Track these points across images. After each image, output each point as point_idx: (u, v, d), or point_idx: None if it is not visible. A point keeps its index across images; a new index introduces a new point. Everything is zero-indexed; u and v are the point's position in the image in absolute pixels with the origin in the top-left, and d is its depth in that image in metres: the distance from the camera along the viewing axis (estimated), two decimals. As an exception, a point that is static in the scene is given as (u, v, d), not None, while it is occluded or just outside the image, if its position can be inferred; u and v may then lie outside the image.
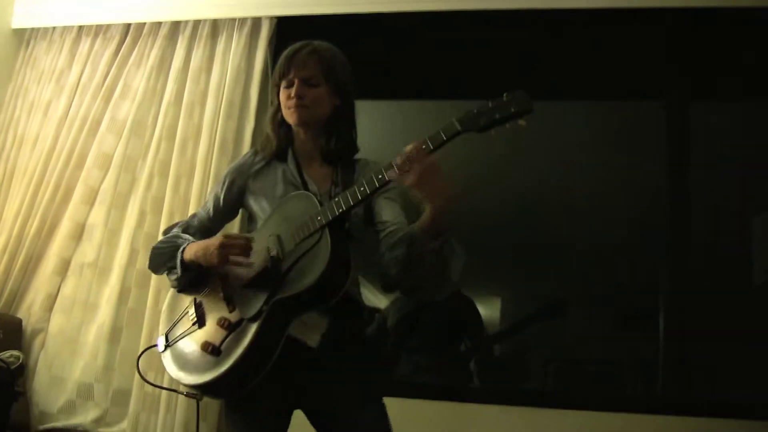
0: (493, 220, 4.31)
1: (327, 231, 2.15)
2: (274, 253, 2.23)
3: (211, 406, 3.50)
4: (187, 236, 2.43)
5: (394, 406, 2.32)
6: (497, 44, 4.15)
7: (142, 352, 2.75)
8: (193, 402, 3.40)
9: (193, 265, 2.31)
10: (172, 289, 2.47)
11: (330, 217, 2.15)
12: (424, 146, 2.06)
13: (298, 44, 2.45)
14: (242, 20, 4.08)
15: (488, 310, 4.19)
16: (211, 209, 2.54)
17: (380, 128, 3.99)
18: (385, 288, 2.56)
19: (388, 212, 2.33)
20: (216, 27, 4.13)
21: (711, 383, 3.69)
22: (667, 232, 3.76)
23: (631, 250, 4.09)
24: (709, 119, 4.03)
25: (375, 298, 2.45)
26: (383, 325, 3.89)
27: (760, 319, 3.67)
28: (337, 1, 4.03)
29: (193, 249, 2.31)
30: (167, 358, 2.36)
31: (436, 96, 4.32)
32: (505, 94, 2.05)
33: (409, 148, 2.08)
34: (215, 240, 2.27)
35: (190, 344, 2.30)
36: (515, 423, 3.46)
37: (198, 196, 3.76)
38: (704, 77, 3.99)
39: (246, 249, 2.24)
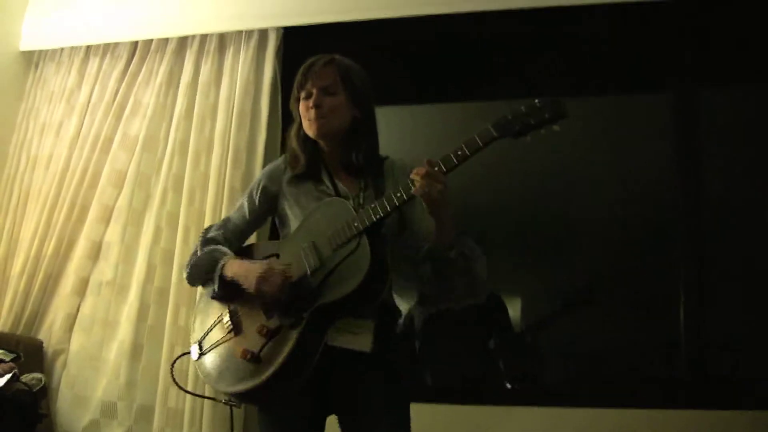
0: (506, 218, 4.30)
1: (365, 237, 2.15)
2: (311, 261, 2.23)
3: (237, 418, 3.48)
4: (225, 250, 2.43)
5: (423, 411, 2.32)
6: (503, 43, 4.16)
7: (177, 359, 2.77)
8: (218, 416, 3.47)
9: (232, 282, 2.31)
10: (201, 296, 2.49)
11: (368, 223, 2.16)
12: (460, 152, 2.07)
13: (316, 56, 2.46)
14: (249, 33, 4.08)
15: (512, 311, 4.17)
16: (247, 213, 2.54)
17: (399, 134, 3.99)
18: (422, 304, 2.57)
19: (421, 217, 2.31)
20: (223, 41, 4.14)
21: (733, 375, 3.66)
22: (682, 222, 3.75)
23: (647, 244, 4.07)
24: (719, 108, 4.01)
25: (399, 300, 2.44)
26: (410, 327, 3.88)
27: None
28: (342, 9, 4.02)
29: (234, 268, 2.32)
30: (203, 366, 2.35)
31: (451, 99, 4.32)
32: (537, 100, 2.06)
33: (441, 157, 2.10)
34: (257, 271, 2.27)
35: (227, 352, 2.30)
36: (543, 424, 3.45)
37: (213, 209, 3.76)
38: (710, 66, 3.97)
39: (282, 287, 2.23)
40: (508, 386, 3.96)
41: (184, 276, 2.51)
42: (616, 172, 4.19)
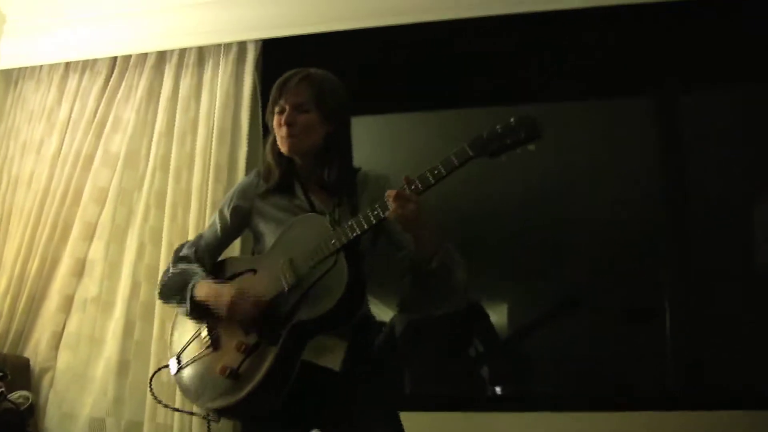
0: (492, 225, 4.31)
1: (342, 254, 2.17)
2: (288, 278, 2.24)
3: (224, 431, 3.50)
4: (196, 269, 2.44)
5: (408, 420, 2.33)
6: (485, 50, 4.17)
7: (154, 373, 2.76)
8: (206, 430, 3.46)
9: (202, 303, 2.33)
10: (178, 310, 2.49)
11: (345, 241, 2.17)
12: (436, 171, 2.09)
13: (292, 71, 2.47)
14: (228, 45, 4.09)
15: (495, 316, 4.18)
16: (219, 230, 2.56)
17: (375, 143, 4.01)
18: (402, 312, 2.59)
19: (397, 228, 2.32)
20: (202, 54, 4.15)
21: (718, 376, 3.69)
22: (667, 227, 3.79)
23: (633, 247, 4.10)
24: (701, 111, 4.05)
25: (380, 310, 2.47)
26: (391, 336, 3.90)
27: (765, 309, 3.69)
28: (320, 21, 4.02)
29: (204, 291, 2.34)
30: (182, 380, 2.36)
31: (429, 107, 4.34)
32: (513, 119, 2.08)
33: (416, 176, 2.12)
34: (227, 296, 2.28)
35: (205, 367, 2.31)
36: (529, 429, 3.47)
37: (196, 225, 3.76)
38: (691, 70, 4.00)
39: (252, 313, 2.24)
40: (498, 391, 3.98)
41: (156, 293, 2.52)
42: (602, 178, 4.21)
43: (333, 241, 2.18)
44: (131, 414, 3.66)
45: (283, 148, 2.42)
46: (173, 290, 2.43)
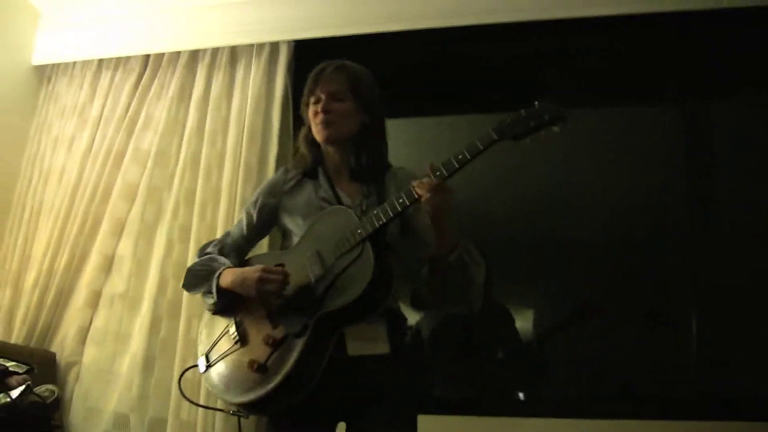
0: (513, 228, 4.29)
1: (368, 244, 2.16)
2: (315, 269, 2.24)
3: (248, 429, 3.50)
4: (222, 260, 2.44)
5: (430, 423, 2.32)
6: (512, 55, 4.18)
7: (183, 372, 2.76)
8: (230, 429, 3.47)
9: (229, 292, 2.32)
10: (205, 304, 2.48)
11: (370, 230, 2.17)
12: (461, 156, 2.08)
13: (326, 62, 2.47)
14: (260, 46, 4.10)
15: (520, 322, 4.16)
16: (245, 228, 2.56)
17: (408, 146, 4.00)
18: (414, 306, 2.57)
19: (424, 226, 2.32)
20: (234, 54, 4.16)
21: (744, 384, 3.65)
22: (693, 232, 3.77)
23: (658, 253, 4.07)
24: (725, 115, 4.02)
25: (405, 313, 2.45)
26: (417, 338, 3.89)
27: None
28: (353, 23, 4.04)
29: (229, 277, 2.33)
30: (211, 378, 2.36)
31: (460, 111, 4.33)
32: (536, 103, 2.08)
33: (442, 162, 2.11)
34: (254, 274, 2.28)
35: (234, 363, 2.31)
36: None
37: (225, 223, 3.76)
38: (716, 78, 3.99)
39: (283, 283, 2.24)
40: (520, 396, 3.96)
41: (182, 283, 2.52)
42: (626, 183, 4.19)
43: (359, 231, 2.18)
44: (155, 410, 3.67)
45: (320, 137, 2.42)
46: (199, 279, 2.43)
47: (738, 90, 4.05)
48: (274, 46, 4.09)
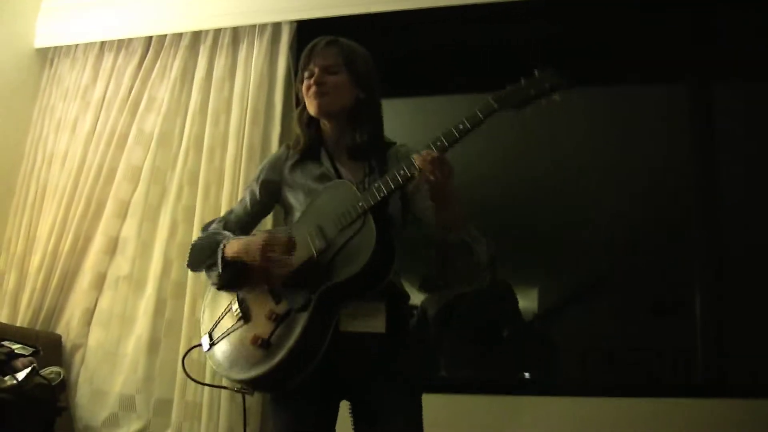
0: (524, 210, 4.28)
1: (370, 216, 2.15)
2: (317, 243, 2.23)
3: (254, 410, 3.51)
4: (226, 232, 2.43)
5: (437, 402, 2.32)
6: (516, 32, 4.16)
7: (187, 351, 2.75)
8: (236, 409, 3.48)
9: (235, 262, 2.31)
10: (210, 289, 2.47)
11: (372, 203, 2.15)
12: (461, 126, 2.07)
13: (319, 37, 2.46)
14: (262, 26, 4.09)
15: (525, 301, 4.16)
16: (249, 204, 2.55)
17: (412, 126, 3.99)
18: (424, 289, 2.57)
19: (424, 204, 2.31)
20: (237, 35, 4.15)
21: (747, 366, 3.65)
22: (699, 216, 3.76)
23: (664, 237, 4.06)
24: (735, 100, 3.99)
25: (411, 293, 2.44)
26: (423, 318, 3.89)
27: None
28: (355, 2, 4.02)
29: (234, 246, 2.32)
30: (215, 356, 2.36)
31: (461, 91, 4.31)
32: (536, 71, 2.07)
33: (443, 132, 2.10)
34: (258, 239, 2.27)
35: (237, 340, 2.29)
36: (555, 413, 3.46)
37: (228, 203, 3.76)
38: (725, 59, 3.96)
39: (289, 248, 2.24)
40: (526, 375, 3.96)
41: (186, 263, 2.51)
42: (634, 167, 4.17)
43: (360, 204, 2.17)
44: (161, 392, 3.68)
45: (312, 109, 2.40)
46: (203, 253, 2.40)
47: (748, 71, 4.03)
48: (276, 27, 4.07)
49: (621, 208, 4.12)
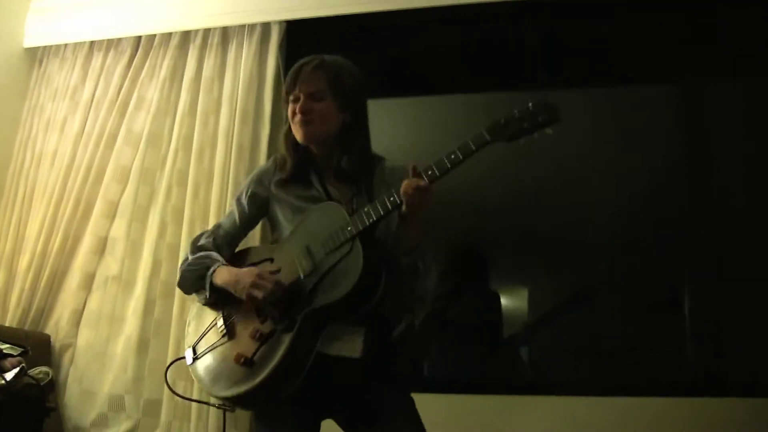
0: (515, 210, 4.29)
1: (358, 241, 2.15)
2: (304, 264, 2.23)
3: (243, 414, 3.51)
4: (216, 257, 2.43)
5: (428, 402, 2.32)
6: (506, 34, 4.16)
7: (170, 364, 2.76)
8: (223, 415, 3.48)
9: (222, 289, 2.32)
10: (194, 303, 2.48)
11: (360, 228, 2.15)
12: (453, 156, 2.07)
13: (306, 59, 2.43)
14: (252, 26, 4.08)
15: (515, 302, 4.17)
16: (237, 218, 2.53)
17: (397, 126, 3.99)
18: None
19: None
20: (226, 35, 4.15)
21: (745, 365, 3.67)
22: (689, 215, 3.77)
23: (655, 236, 4.07)
24: (726, 99, 4.01)
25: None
26: (411, 325, 3.89)
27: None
28: (344, 2, 4.01)
29: (224, 276, 2.32)
30: (197, 371, 2.36)
31: (451, 91, 4.32)
32: (530, 104, 2.05)
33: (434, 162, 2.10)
34: (247, 278, 2.27)
35: (221, 356, 2.30)
36: (547, 412, 3.47)
37: (218, 204, 3.77)
38: (716, 59, 3.97)
39: (274, 292, 2.23)
40: (522, 375, 3.97)
41: (177, 283, 2.51)
42: (622, 166, 4.18)
43: (349, 228, 2.17)
44: (150, 392, 3.68)
45: (298, 137, 2.39)
46: (193, 276, 2.41)
47: (741, 70, 4.04)
48: (266, 27, 4.07)
49: (617, 206, 4.12)
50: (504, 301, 4.10)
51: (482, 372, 4.02)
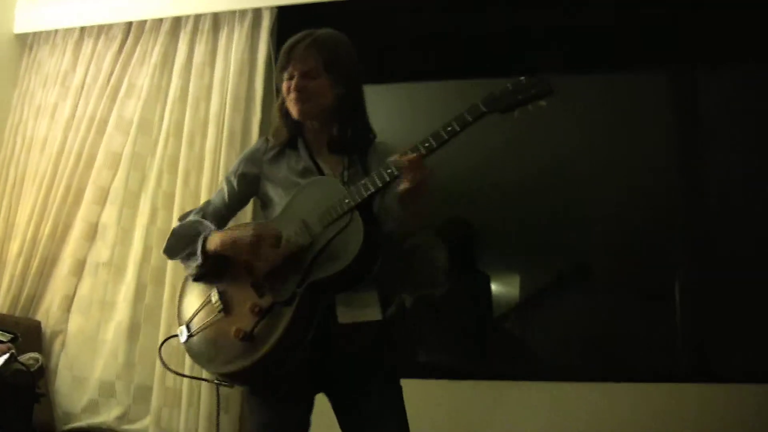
0: (509, 196, 4.29)
1: (357, 213, 2.15)
2: (302, 238, 2.23)
3: (233, 397, 3.51)
4: (207, 223, 2.41)
5: (414, 387, 2.33)
6: (500, 19, 4.16)
7: (164, 342, 2.71)
8: (215, 396, 3.47)
9: (216, 255, 2.30)
10: (185, 280, 2.46)
11: (359, 199, 2.15)
12: (449, 128, 2.07)
13: (298, 35, 2.42)
14: (243, 12, 4.07)
15: (507, 287, 4.18)
16: (227, 196, 2.52)
17: (390, 112, 3.98)
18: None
19: (392, 200, 2.30)
20: (217, 21, 4.13)
21: (728, 352, 3.69)
22: (683, 204, 3.78)
23: (648, 225, 4.08)
24: (720, 89, 4.01)
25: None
26: (402, 307, 3.89)
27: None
28: (337, -13, 4.01)
29: (218, 240, 2.30)
30: (192, 349, 2.34)
31: (445, 77, 4.31)
32: (523, 77, 2.07)
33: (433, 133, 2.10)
34: (247, 234, 2.25)
35: (218, 332, 2.28)
36: (532, 398, 3.49)
37: (208, 190, 3.76)
38: (708, 44, 3.97)
39: (278, 243, 2.23)
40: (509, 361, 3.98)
41: (162, 250, 2.49)
42: (614, 156, 4.19)
43: (347, 200, 2.17)
44: (141, 378, 3.69)
45: (294, 113, 2.39)
46: (182, 242, 2.39)
47: (734, 59, 4.04)
48: (257, 13, 4.05)
49: (610, 193, 4.14)
50: (495, 286, 4.11)
51: (472, 357, 4.03)
